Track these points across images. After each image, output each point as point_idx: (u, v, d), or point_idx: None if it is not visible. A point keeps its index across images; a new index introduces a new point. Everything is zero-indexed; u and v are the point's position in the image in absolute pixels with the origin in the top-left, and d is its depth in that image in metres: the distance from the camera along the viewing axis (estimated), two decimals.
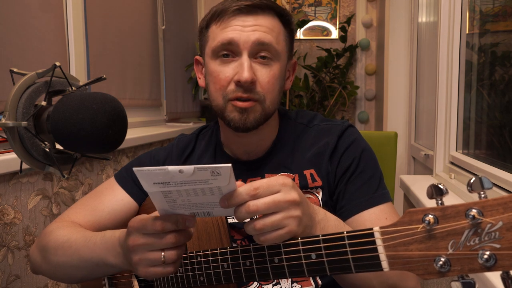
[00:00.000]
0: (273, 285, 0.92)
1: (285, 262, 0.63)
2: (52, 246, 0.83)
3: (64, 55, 1.52)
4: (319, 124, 0.95)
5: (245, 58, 0.82)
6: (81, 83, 0.70)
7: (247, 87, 0.81)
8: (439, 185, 0.50)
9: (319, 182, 0.88)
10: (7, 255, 1.11)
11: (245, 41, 0.81)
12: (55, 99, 0.65)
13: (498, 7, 1.44)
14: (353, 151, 0.89)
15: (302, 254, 0.61)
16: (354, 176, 0.87)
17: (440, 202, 0.51)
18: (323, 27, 3.05)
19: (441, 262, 0.49)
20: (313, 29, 3.05)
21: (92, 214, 0.92)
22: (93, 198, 0.95)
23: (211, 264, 0.74)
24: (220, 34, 0.83)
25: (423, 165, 2.01)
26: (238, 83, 0.82)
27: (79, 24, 1.60)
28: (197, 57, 0.94)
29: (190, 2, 2.87)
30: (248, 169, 0.93)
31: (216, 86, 0.85)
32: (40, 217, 1.23)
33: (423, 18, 2.24)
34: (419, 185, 1.42)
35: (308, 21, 2.82)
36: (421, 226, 0.50)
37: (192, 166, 0.53)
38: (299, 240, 0.62)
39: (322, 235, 0.60)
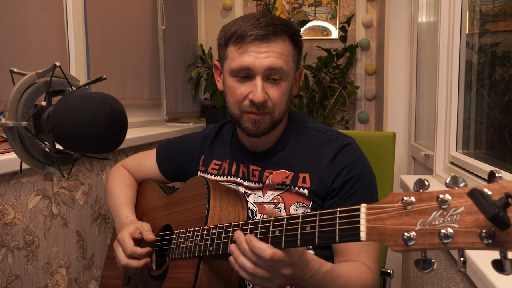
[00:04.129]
0: None
1: (284, 233, 0.74)
2: (106, 188, 1.31)
3: (64, 55, 1.52)
4: (325, 132, 1.06)
5: (258, 81, 0.96)
6: (81, 83, 0.70)
7: (259, 106, 0.97)
8: (425, 180, 0.57)
9: (307, 185, 1.01)
10: (7, 255, 1.11)
11: (259, 67, 0.95)
12: (55, 99, 0.65)
13: (498, 7, 1.44)
14: (355, 169, 0.99)
15: (299, 226, 0.73)
16: (349, 193, 0.98)
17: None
18: (323, 27, 3.05)
19: (407, 236, 0.56)
20: (313, 29, 3.05)
21: (137, 166, 1.31)
22: (142, 156, 1.33)
23: (223, 235, 0.87)
24: (238, 58, 0.97)
25: (423, 165, 2.01)
26: (252, 102, 0.96)
27: (79, 24, 1.61)
28: (216, 62, 1.09)
29: (190, 2, 2.88)
30: (253, 159, 1.09)
31: (233, 100, 1.00)
32: (40, 217, 1.23)
33: (423, 18, 2.24)
34: None
35: (308, 21, 2.82)
36: (398, 204, 0.58)
37: None
38: (300, 214, 0.74)
39: (319, 211, 0.71)
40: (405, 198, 0.57)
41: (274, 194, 1.04)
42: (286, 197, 1.03)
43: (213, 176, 1.15)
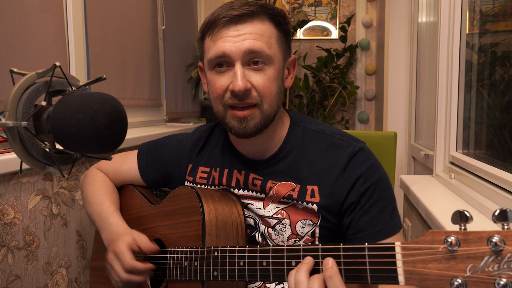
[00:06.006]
0: (276, 284, 0.93)
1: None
2: (83, 195, 1.15)
3: (64, 55, 1.52)
4: (332, 136, 0.93)
5: (238, 68, 0.84)
6: (81, 83, 0.69)
7: (241, 95, 0.84)
8: (465, 212, 0.52)
9: (316, 199, 0.89)
10: (7, 255, 1.11)
11: (236, 51, 0.83)
12: (55, 99, 0.65)
13: (498, 7, 1.44)
14: (371, 177, 0.88)
15: (320, 260, 0.63)
16: (368, 204, 0.87)
17: (463, 227, 0.52)
18: (323, 27, 3.05)
19: (457, 283, 0.50)
20: (313, 29, 3.05)
21: (115, 170, 1.16)
22: (121, 159, 1.17)
23: (227, 260, 0.78)
24: (213, 46, 0.86)
25: (423, 165, 2.01)
26: (233, 93, 0.84)
27: (79, 24, 1.60)
28: (200, 63, 0.96)
29: (190, 2, 2.88)
30: (252, 167, 0.96)
31: (214, 95, 0.88)
32: (40, 217, 1.23)
33: (423, 18, 2.24)
34: (419, 185, 1.42)
35: (308, 21, 2.82)
36: (442, 246, 0.52)
37: None
38: (319, 246, 0.65)
39: (343, 244, 0.62)
40: (449, 239, 0.51)
41: (277, 208, 0.92)
42: (292, 212, 0.91)
43: (202, 186, 1.03)
